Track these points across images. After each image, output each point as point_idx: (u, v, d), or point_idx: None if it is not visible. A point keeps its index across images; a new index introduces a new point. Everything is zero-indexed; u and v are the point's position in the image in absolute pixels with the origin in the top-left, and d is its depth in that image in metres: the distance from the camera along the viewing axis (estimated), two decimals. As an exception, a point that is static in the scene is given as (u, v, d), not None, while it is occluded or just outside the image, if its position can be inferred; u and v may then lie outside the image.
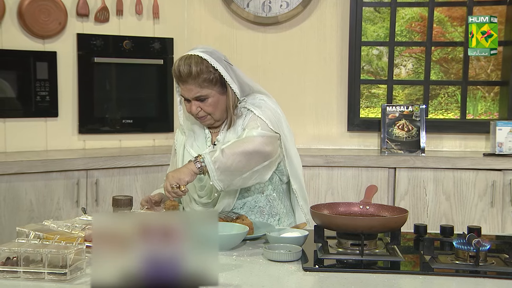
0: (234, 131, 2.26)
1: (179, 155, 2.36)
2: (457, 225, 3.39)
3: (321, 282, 1.60)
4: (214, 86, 2.19)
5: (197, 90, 2.18)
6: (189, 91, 2.18)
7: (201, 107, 2.21)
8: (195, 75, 2.15)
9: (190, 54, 2.19)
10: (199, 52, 2.19)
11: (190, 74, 2.15)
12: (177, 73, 2.17)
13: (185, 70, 2.15)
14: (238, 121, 2.26)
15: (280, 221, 2.33)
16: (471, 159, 3.56)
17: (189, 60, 2.16)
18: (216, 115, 2.24)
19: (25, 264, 1.57)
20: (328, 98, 4.07)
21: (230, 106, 2.23)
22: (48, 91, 3.64)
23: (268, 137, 2.15)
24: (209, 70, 2.17)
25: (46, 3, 3.59)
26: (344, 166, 3.59)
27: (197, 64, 2.15)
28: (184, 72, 2.15)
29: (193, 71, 2.15)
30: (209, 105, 2.20)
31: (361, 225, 1.77)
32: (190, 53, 2.20)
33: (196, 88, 2.17)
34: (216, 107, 2.22)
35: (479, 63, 4.59)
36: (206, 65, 2.16)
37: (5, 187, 3.10)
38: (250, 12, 4.00)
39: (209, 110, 2.21)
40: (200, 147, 2.30)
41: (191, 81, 2.16)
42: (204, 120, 2.26)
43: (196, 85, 2.17)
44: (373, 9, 4.63)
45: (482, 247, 1.70)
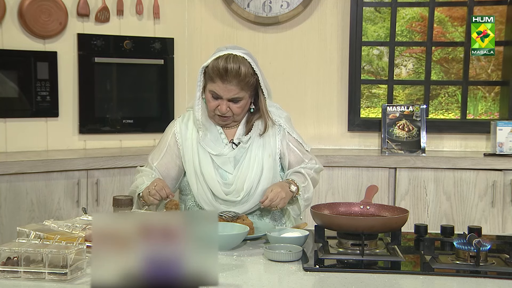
0: (264, 141, 2.29)
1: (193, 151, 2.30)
2: (457, 225, 3.39)
3: (322, 282, 1.60)
4: (249, 90, 2.21)
5: (237, 91, 2.17)
6: (229, 91, 2.17)
7: (230, 107, 2.21)
8: (243, 76, 2.15)
9: (235, 54, 2.17)
10: (242, 53, 2.18)
11: (239, 75, 2.14)
12: (222, 71, 2.14)
13: (234, 69, 2.13)
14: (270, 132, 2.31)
15: (287, 223, 2.36)
16: (472, 159, 3.56)
17: (237, 60, 2.15)
18: (239, 117, 2.27)
19: (25, 264, 1.57)
20: (328, 98, 4.07)
21: (264, 110, 2.27)
22: (48, 91, 3.64)
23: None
24: (251, 74, 2.18)
25: (47, 3, 3.59)
26: (344, 166, 3.58)
27: (245, 65, 2.16)
28: (232, 71, 2.13)
29: (242, 72, 2.15)
30: (239, 107, 2.22)
31: (362, 225, 1.78)
32: (232, 52, 2.18)
33: (236, 89, 2.17)
34: (243, 110, 2.25)
35: (479, 63, 4.59)
36: (249, 68, 2.17)
37: (6, 187, 3.10)
38: (251, 12, 4.00)
39: (238, 112, 2.23)
40: (216, 144, 2.29)
41: (234, 81, 2.15)
42: (226, 120, 2.26)
43: (238, 86, 2.16)
44: (374, 9, 4.63)
45: (483, 247, 1.70)
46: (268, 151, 2.28)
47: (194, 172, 2.28)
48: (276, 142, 2.31)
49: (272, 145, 2.30)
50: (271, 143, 2.30)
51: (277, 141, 2.31)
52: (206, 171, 2.26)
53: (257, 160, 2.27)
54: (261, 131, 2.29)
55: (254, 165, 2.26)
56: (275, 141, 2.31)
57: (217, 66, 2.15)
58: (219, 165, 2.27)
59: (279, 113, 2.36)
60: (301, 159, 2.34)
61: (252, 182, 2.24)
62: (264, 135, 2.29)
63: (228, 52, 2.18)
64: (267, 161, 2.27)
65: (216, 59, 2.17)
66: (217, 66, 2.15)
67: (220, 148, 2.27)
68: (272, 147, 2.30)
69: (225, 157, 2.26)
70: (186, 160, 2.31)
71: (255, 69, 2.19)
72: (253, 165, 2.26)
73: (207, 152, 2.27)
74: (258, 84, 2.23)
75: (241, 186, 2.24)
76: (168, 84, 4.00)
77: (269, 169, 2.28)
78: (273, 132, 2.31)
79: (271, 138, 2.31)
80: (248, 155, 2.27)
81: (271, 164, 2.28)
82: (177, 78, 4.03)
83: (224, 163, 2.27)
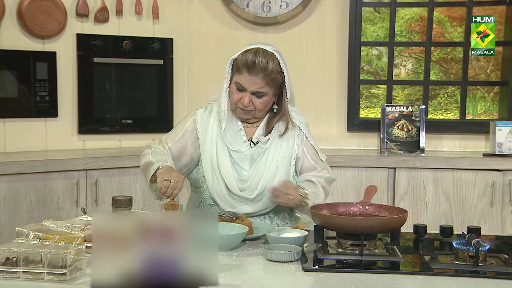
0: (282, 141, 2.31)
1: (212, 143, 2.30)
2: (456, 225, 3.39)
3: (321, 282, 1.61)
4: (273, 87, 2.24)
5: (262, 85, 2.20)
6: (254, 83, 2.20)
7: (253, 101, 2.23)
8: (269, 71, 2.19)
9: (265, 49, 2.21)
10: (273, 50, 2.23)
11: (266, 69, 2.18)
12: (250, 63, 2.18)
13: (262, 63, 2.18)
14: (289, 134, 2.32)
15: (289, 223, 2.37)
16: (471, 159, 3.56)
17: (266, 54, 2.20)
18: (260, 113, 2.29)
19: (24, 264, 1.57)
20: (327, 98, 4.07)
21: (286, 110, 2.30)
22: (47, 91, 3.64)
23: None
24: (278, 71, 2.22)
25: (46, 3, 3.59)
26: (343, 166, 3.59)
27: (273, 61, 2.20)
28: (260, 64, 2.17)
29: (269, 67, 2.18)
30: (262, 103, 2.24)
31: (361, 225, 1.78)
32: (264, 47, 2.22)
33: (261, 83, 2.20)
34: (265, 106, 2.27)
35: (478, 63, 4.59)
36: (277, 65, 2.21)
37: (5, 187, 3.10)
38: (250, 12, 4.00)
39: (260, 107, 2.25)
40: (235, 140, 2.29)
41: (261, 75, 2.19)
42: (246, 114, 2.27)
43: (263, 80, 2.19)
44: (373, 9, 4.63)
45: (482, 247, 1.70)
46: (284, 153, 2.30)
47: (210, 164, 2.29)
48: (294, 145, 2.33)
49: (290, 147, 2.32)
50: (289, 145, 2.32)
51: (295, 143, 2.33)
52: (223, 165, 2.27)
53: (274, 160, 2.29)
54: (280, 132, 2.31)
55: (270, 165, 2.28)
56: (293, 143, 2.33)
57: (245, 58, 2.20)
58: (236, 160, 2.28)
59: (300, 118, 2.39)
60: (313, 167, 2.35)
61: (267, 182, 2.26)
62: (283, 137, 2.31)
63: (258, 46, 2.23)
64: (282, 162, 2.29)
65: (246, 52, 2.22)
66: (245, 58, 2.20)
67: (239, 145, 2.29)
68: (290, 149, 2.32)
69: (242, 154, 2.28)
70: (204, 151, 2.31)
71: (282, 67, 2.23)
72: (270, 165, 2.28)
73: (226, 146, 2.28)
74: (283, 84, 2.26)
75: (256, 184, 2.26)
76: (167, 84, 4.00)
77: (284, 170, 2.29)
78: (292, 134, 2.33)
79: (290, 140, 2.33)
80: (266, 155, 2.29)
81: (286, 166, 2.30)
82: (176, 78, 4.03)
83: (241, 159, 2.28)
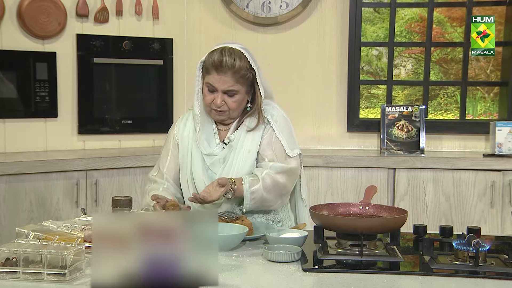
0: (249, 136, 2.27)
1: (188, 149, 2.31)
2: (456, 225, 3.39)
3: (321, 283, 1.61)
4: (244, 85, 2.22)
5: (232, 84, 2.19)
6: (224, 82, 2.19)
7: (225, 101, 2.22)
8: (237, 69, 2.18)
9: (232, 47, 2.21)
10: (240, 48, 2.22)
11: (233, 66, 2.17)
12: (217, 62, 2.17)
13: (229, 61, 2.17)
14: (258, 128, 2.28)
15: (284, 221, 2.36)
16: (471, 160, 3.56)
17: (233, 53, 2.19)
18: (234, 112, 2.26)
19: (24, 264, 1.57)
20: (327, 98, 4.07)
21: (259, 106, 2.27)
22: (47, 92, 3.63)
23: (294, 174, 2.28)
24: (247, 68, 2.20)
25: (46, 4, 3.59)
26: (343, 167, 3.59)
27: (240, 59, 2.19)
28: (227, 63, 2.17)
29: (236, 64, 2.17)
30: (235, 102, 2.22)
31: (361, 225, 1.77)
32: (230, 46, 2.22)
33: (231, 81, 2.19)
34: (239, 105, 2.25)
35: (478, 63, 4.60)
36: (246, 62, 2.20)
37: (5, 187, 3.10)
38: (250, 13, 4.00)
39: (233, 106, 2.23)
40: (209, 145, 2.29)
41: (230, 73, 2.18)
42: (221, 114, 2.25)
43: (233, 79, 2.18)
44: (373, 10, 4.63)
45: (482, 248, 1.70)
46: (249, 147, 2.27)
47: (185, 173, 2.30)
48: (261, 138, 2.28)
49: (256, 141, 2.27)
50: (255, 139, 2.27)
51: (261, 138, 2.28)
52: (196, 171, 2.27)
53: (239, 157, 2.26)
54: (249, 127, 2.27)
55: (237, 162, 2.25)
56: (259, 138, 2.28)
57: (212, 58, 2.19)
58: (209, 166, 2.27)
59: (274, 112, 2.32)
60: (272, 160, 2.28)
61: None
62: (251, 132, 2.27)
63: (224, 45, 2.22)
64: (247, 157, 2.26)
65: (212, 52, 2.21)
66: (212, 58, 2.19)
67: (212, 148, 2.28)
68: (255, 143, 2.27)
69: (215, 157, 2.26)
70: (182, 161, 2.33)
71: (252, 64, 2.21)
72: (236, 163, 2.25)
73: (199, 152, 2.28)
74: (255, 81, 2.24)
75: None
76: (167, 85, 4.00)
77: (250, 165, 2.25)
78: (260, 128, 2.28)
79: (256, 134, 2.28)
80: (233, 153, 2.26)
81: (251, 160, 2.26)
82: (176, 79, 4.03)
83: (213, 164, 2.27)
